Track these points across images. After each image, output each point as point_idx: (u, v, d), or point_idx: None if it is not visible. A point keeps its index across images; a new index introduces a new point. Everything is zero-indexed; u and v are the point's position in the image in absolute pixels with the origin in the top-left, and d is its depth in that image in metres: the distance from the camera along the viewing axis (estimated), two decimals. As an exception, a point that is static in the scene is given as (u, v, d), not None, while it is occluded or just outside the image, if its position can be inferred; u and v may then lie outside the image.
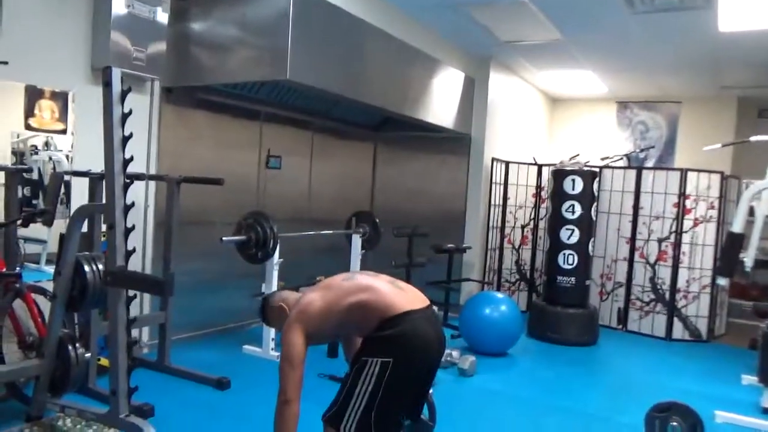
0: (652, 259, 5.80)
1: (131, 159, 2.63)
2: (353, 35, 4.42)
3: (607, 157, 6.49)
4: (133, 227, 2.67)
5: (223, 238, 3.84)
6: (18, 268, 3.17)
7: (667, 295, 5.71)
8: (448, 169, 6.28)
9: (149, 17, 3.80)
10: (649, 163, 7.15)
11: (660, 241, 5.75)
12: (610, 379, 4.45)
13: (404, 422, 2.21)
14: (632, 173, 5.94)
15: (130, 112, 2.62)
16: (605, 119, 7.55)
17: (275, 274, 4.21)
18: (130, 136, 2.62)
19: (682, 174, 5.68)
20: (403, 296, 2.10)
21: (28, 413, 2.94)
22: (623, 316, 5.95)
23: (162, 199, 3.97)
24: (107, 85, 2.53)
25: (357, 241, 5.13)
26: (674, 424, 3.01)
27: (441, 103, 5.53)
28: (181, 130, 4.37)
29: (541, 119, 7.57)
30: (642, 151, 7.20)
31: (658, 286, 5.76)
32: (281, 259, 4.21)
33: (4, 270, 3.02)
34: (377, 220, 5.30)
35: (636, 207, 5.86)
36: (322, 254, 5.74)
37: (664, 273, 5.73)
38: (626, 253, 5.92)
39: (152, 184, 4.12)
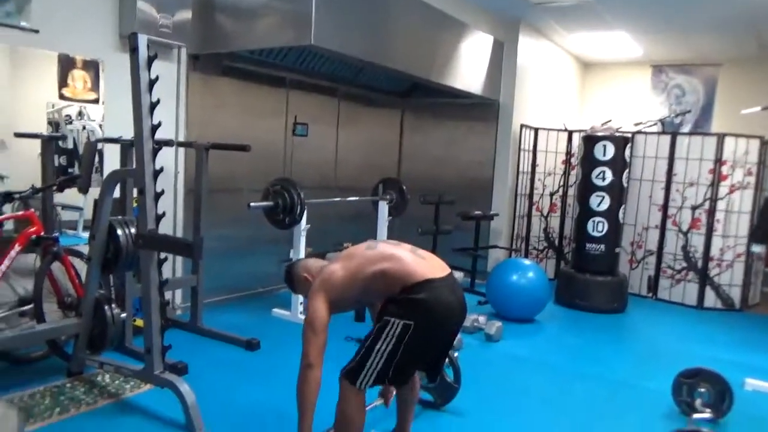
0: (685, 227, 5.67)
1: (159, 124, 2.67)
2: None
3: (641, 123, 6.32)
4: (163, 192, 2.72)
5: (251, 204, 3.90)
6: (56, 233, 3.28)
7: (700, 264, 5.60)
8: (475, 136, 6.21)
9: (175, -16, 3.81)
10: (685, 129, 6.94)
11: (694, 208, 5.62)
12: (639, 346, 4.42)
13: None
14: (666, 139, 5.78)
15: (157, 78, 2.65)
16: (639, 84, 7.33)
17: (303, 240, 4.26)
18: (158, 102, 2.65)
19: (719, 139, 5.50)
20: (425, 264, 2.13)
21: (69, 369, 3.09)
22: (654, 284, 5.87)
23: (191, 166, 4.04)
24: (134, 51, 2.56)
25: (384, 207, 5.14)
26: (702, 390, 2.99)
27: (469, 68, 5.43)
28: (208, 98, 4.41)
29: (573, 84, 7.39)
30: (677, 115, 6.99)
31: (691, 255, 5.65)
32: (308, 225, 4.26)
33: (43, 234, 3.13)
34: (404, 187, 5.30)
35: (669, 173, 5.71)
36: (348, 221, 5.79)
37: (697, 241, 5.61)
38: (658, 220, 5.80)
39: (181, 151, 4.19)
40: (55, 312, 3.26)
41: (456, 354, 2.96)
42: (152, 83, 2.64)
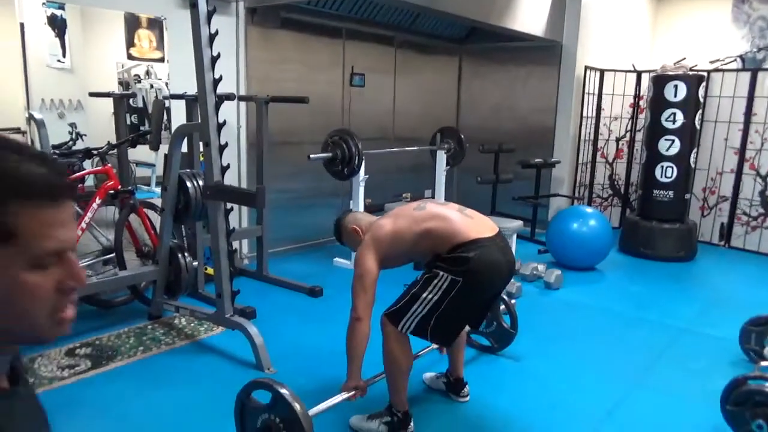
0: (764, 171, 5.34)
1: (221, 78, 2.75)
2: (434, -60, 4.21)
3: (718, 60, 5.91)
4: (227, 144, 2.83)
5: (311, 156, 3.98)
6: (132, 187, 3.50)
7: (779, 209, 5.29)
8: (536, 81, 6.00)
9: (230, -63, 3.83)
10: (768, 65, 6.42)
11: (775, 150, 5.27)
12: (705, 294, 4.28)
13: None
14: (746, 76, 5.38)
15: (217, 33, 2.72)
16: (718, 17, 6.78)
17: (361, 191, 4.34)
18: (218, 56, 2.73)
19: (806, 74, 5.07)
20: (473, 224, 2.14)
21: (149, 313, 3.35)
22: (726, 232, 5.61)
23: (253, 119, 4.15)
24: (194, 6, 2.63)
25: (442, 157, 5.12)
26: (772, 338, 2.90)
27: (530, 8, 5.20)
28: (267, 52, 4.47)
29: (643, 21, 6.93)
30: (760, 50, 6.46)
31: (769, 200, 5.34)
32: (367, 176, 4.32)
33: (120, 188, 3.34)
34: (462, 136, 5.24)
35: (748, 114, 5.34)
36: (407, 172, 5.81)
37: (777, 185, 5.28)
38: (734, 164, 5.48)
39: (243, 106, 4.30)
40: (134, 260, 3.51)
41: (514, 301, 2.99)
42: (212, 38, 2.72)
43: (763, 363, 2.75)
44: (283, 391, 1.94)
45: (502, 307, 2.89)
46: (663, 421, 2.44)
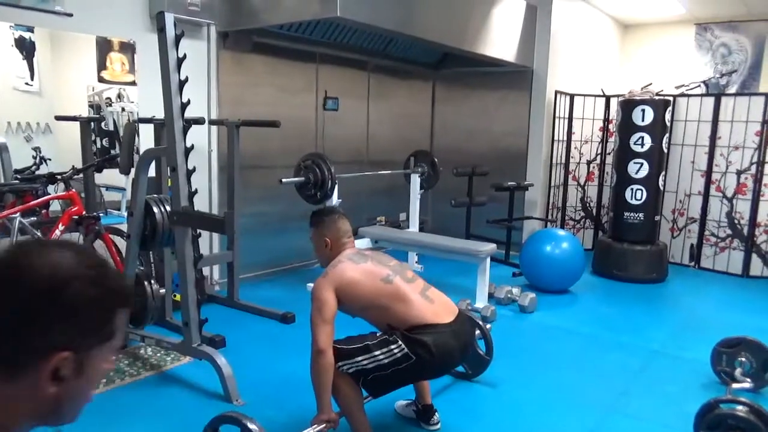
0: (729, 193, 5.46)
1: (188, 103, 2.71)
2: (406, -33, 4.26)
3: (683, 85, 6.07)
4: (194, 169, 2.78)
5: (283, 180, 3.95)
6: (99, 212, 3.41)
7: (746, 230, 5.40)
8: (509, 105, 6.08)
9: (201, -39, 3.82)
10: (731, 90, 6.62)
11: (739, 173, 5.39)
12: (678, 316, 4.32)
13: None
14: (710, 101, 5.53)
15: (185, 57, 2.68)
16: (682, 44, 7.00)
17: (335, 214, 4.29)
18: (186, 80, 2.69)
19: (768, 99, 5.24)
20: (432, 308, 2.17)
21: (114, 343, 3.23)
22: (696, 253, 5.70)
23: (224, 143, 4.10)
24: (161, 30, 2.60)
25: (416, 180, 5.14)
26: (743, 359, 2.92)
27: (501, 35, 5.29)
28: (239, 76, 4.44)
29: (611, 47, 7.11)
30: (722, 76, 6.66)
31: (736, 221, 5.45)
32: (340, 200, 4.29)
33: (84, 213, 3.25)
34: (436, 159, 5.27)
35: (713, 137, 5.48)
36: (381, 195, 5.80)
37: (743, 207, 5.39)
38: (701, 186, 5.60)
39: (214, 130, 4.25)
40: (99, 288, 3.39)
41: (488, 326, 2.97)
42: (180, 61, 2.68)
43: (735, 385, 2.77)
44: (252, 426, 1.87)
45: (477, 332, 2.86)
46: (638, 446, 2.42)
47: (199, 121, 3.19)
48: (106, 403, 2.62)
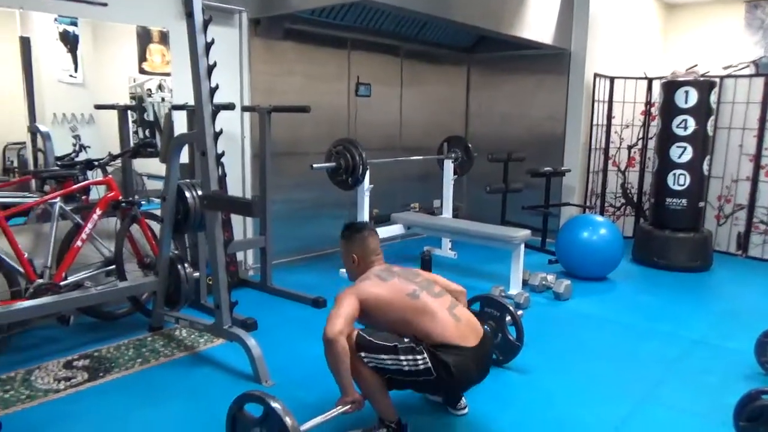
0: (780, 178, 5.21)
1: (217, 87, 2.74)
2: (438, -53, 4.19)
3: (731, 66, 5.80)
4: (223, 153, 2.80)
5: (314, 165, 3.95)
6: (136, 198, 3.49)
7: (798, 218, 5.14)
8: (546, 89, 5.93)
9: (232, -52, 3.84)
10: (784, 70, 6.28)
11: (791, 157, 5.13)
12: (721, 305, 4.14)
13: None
14: (759, 81, 5.26)
15: (213, 41, 2.70)
16: (731, 23, 6.67)
17: (366, 200, 4.29)
18: (214, 65, 2.71)
19: (823, 79, 4.94)
20: (458, 327, 2.14)
21: (150, 324, 3.33)
22: (744, 241, 5.46)
23: (257, 130, 4.13)
24: (189, 15, 2.62)
25: (449, 166, 5.08)
26: (789, 350, 2.79)
27: (539, 16, 5.15)
28: (271, 63, 4.46)
29: (654, 28, 6.84)
30: (774, 56, 6.33)
31: (787, 208, 5.19)
32: (371, 185, 4.28)
33: (121, 198, 3.33)
34: (469, 145, 5.19)
35: (763, 119, 5.22)
36: (415, 181, 5.76)
37: (795, 193, 5.14)
38: (749, 171, 5.35)
39: (247, 117, 4.29)
40: (136, 271, 3.49)
41: (520, 312, 2.91)
42: (208, 46, 2.70)
43: (780, 376, 2.65)
44: (275, 404, 1.88)
45: (508, 318, 2.81)
46: (673, 437, 2.34)
47: (228, 107, 3.21)
48: (142, 382, 2.70)
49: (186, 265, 3.19)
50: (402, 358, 2.06)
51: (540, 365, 2.94)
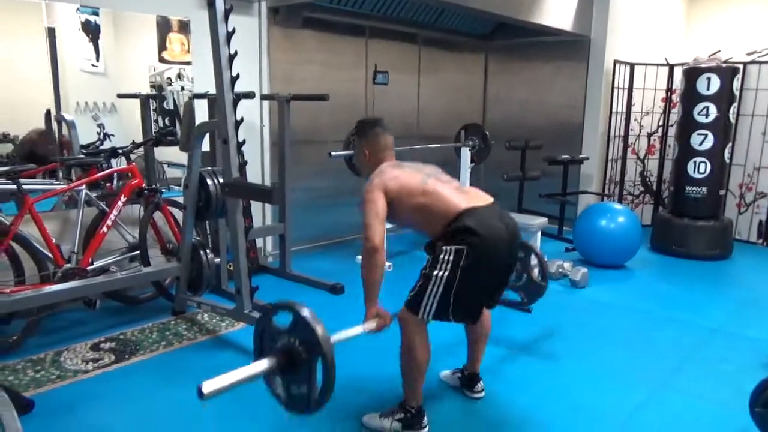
0: (804, 166, 5.13)
1: (237, 76, 2.78)
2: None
3: (755, 52, 5.68)
4: (244, 141, 2.85)
5: (332, 153, 3.99)
6: (158, 185, 3.56)
7: (821, 206, 5.06)
8: (564, 76, 5.88)
9: (252, -63, 3.86)
10: (810, 56, 6.15)
11: (816, 144, 5.05)
12: (740, 294, 4.12)
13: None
14: (785, 68, 5.17)
15: (234, 31, 2.74)
16: (757, 7, 6.53)
17: (384, 187, 4.31)
18: (236, 54, 2.75)
19: None
20: (465, 197, 2.17)
21: (173, 309, 3.41)
22: (765, 230, 5.39)
23: (276, 118, 4.17)
24: (211, 5, 2.66)
25: (466, 154, 5.08)
26: (808, 338, 2.78)
27: (558, 2, 5.11)
28: (290, 51, 4.49)
29: (677, 13, 6.73)
30: (800, 41, 6.19)
31: (810, 196, 5.12)
32: (389, 173, 4.30)
33: (144, 186, 3.40)
34: (487, 133, 5.18)
35: (787, 107, 5.14)
36: (433, 169, 5.76)
37: (819, 181, 5.06)
38: (772, 159, 5.28)
39: (266, 105, 4.33)
40: (159, 257, 3.57)
41: (541, 252, 2.89)
42: (230, 36, 2.74)
43: (798, 364, 2.64)
44: (305, 313, 1.85)
45: (533, 258, 2.80)
46: (687, 423, 2.36)
47: (249, 95, 3.25)
48: (166, 364, 2.78)
49: (207, 251, 3.26)
50: (437, 271, 2.04)
51: (556, 351, 2.97)
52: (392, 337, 2.18)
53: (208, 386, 1.69)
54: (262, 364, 1.85)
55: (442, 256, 2.04)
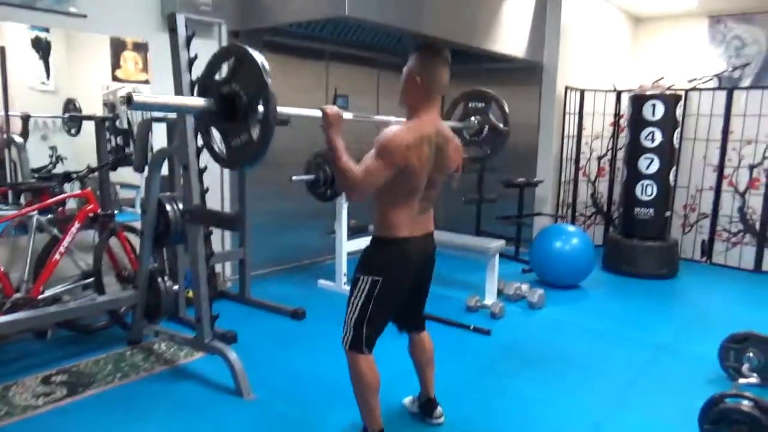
0: (741, 188, 5.43)
1: (199, 103, 2.75)
2: (414, -36, 4.28)
3: (696, 79, 6.02)
4: (206, 167, 2.83)
5: (293, 178, 3.99)
6: (113, 210, 3.47)
7: (758, 225, 5.36)
8: (518, 101, 6.04)
9: (212, -38, 3.87)
10: (745, 83, 6.56)
11: (752, 167, 5.36)
12: (687, 311, 4.31)
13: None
14: (722, 95, 5.49)
15: (196, 57, 2.73)
16: (695, 37, 6.94)
17: (345, 211, 4.34)
18: (198, 79, 2.73)
19: (781, 93, 5.18)
20: (417, 222, 2.18)
21: (129, 338, 3.31)
22: (708, 248, 5.67)
23: (235, 141, 4.15)
24: (173, 30, 2.65)
25: (425, 177, 5.14)
26: (750, 355, 2.93)
27: (511, 31, 5.29)
28: (250, 74, 4.48)
29: (623, 41, 7.07)
30: (735, 69, 6.60)
31: (748, 216, 5.41)
32: (350, 197, 4.33)
33: (99, 211, 3.31)
34: (445, 156, 5.27)
35: (726, 131, 5.44)
36: (392, 191, 5.81)
37: (755, 202, 5.36)
38: (713, 182, 5.56)
39: (225, 127, 4.30)
40: (114, 285, 3.47)
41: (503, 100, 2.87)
42: (192, 61, 2.73)
43: (742, 381, 2.78)
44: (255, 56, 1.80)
45: (493, 105, 2.75)
46: (643, 441, 2.44)
47: (210, 121, 3.23)
48: (122, 397, 2.70)
49: (165, 278, 3.20)
50: (353, 296, 2.14)
51: (515, 372, 3.03)
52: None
53: (138, 97, 1.77)
54: (199, 101, 1.85)
55: (359, 285, 2.14)
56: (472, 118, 2.65)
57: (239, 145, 1.81)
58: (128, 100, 1.64)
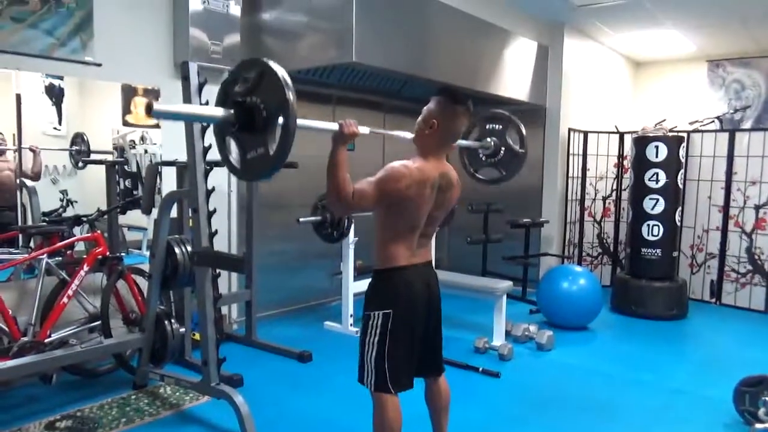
0: (748, 228, 5.42)
1: (210, 147, 2.81)
2: (419, 12, 4.42)
3: (697, 121, 6.10)
4: (215, 210, 2.86)
5: (300, 219, 4.02)
6: (121, 253, 3.49)
7: (767, 266, 5.33)
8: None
9: (223, 11, 4.00)
10: (746, 125, 6.64)
11: (758, 208, 5.37)
12: (698, 353, 4.25)
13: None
14: (724, 136, 5.55)
15: (207, 103, 2.80)
16: (695, 80, 7.07)
17: (351, 252, 4.35)
18: (208, 126, 2.80)
19: (783, 134, 5.24)
20: (416, 251, 2.20)
21: (134, 382, 3.28)
22: (716, 289, 5.62)
23: (243, 184, 4.20)
24: (185, 78, 2.72)
25: (431, 218, 5.17)
26: (766, 399, 2.87)
27: (514, 75, 5.41)
28: (258, 118, 4.57)
29: (624, 85, 7.20)
30: (736, 111, 6.69)
31: (756, 256, 5.39)
32: (356, 238, 4.35)
33: (108, 254, 3.33)
34: (451, 197, 5.31)
35: (729, 172, 5.48)
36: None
37: (763, 242, 5.35)
38: (719, 222, 5.57)
39: (234, 170, 4.36)
40: (121, 328, 3.46)
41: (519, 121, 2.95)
42: (202, 108, 2.79)
43: (758, 426, 2.72)
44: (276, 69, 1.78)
45: (511, 130, 2.81)
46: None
47: (220, 164, 3.28)
48: (126, 443, 2.65)
49: (172, 320, 3.19)
50: (367, 335, 2.11)
51: (525, 417, 2.98)
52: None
53: (159, 106, 1.74)
54: (218, 111, 1.83)
55: (371, 322, 2.11)
56: (488, 139, 2.70)
57: (255, 157, 1.84)
58: (149, 108, 1.69)
